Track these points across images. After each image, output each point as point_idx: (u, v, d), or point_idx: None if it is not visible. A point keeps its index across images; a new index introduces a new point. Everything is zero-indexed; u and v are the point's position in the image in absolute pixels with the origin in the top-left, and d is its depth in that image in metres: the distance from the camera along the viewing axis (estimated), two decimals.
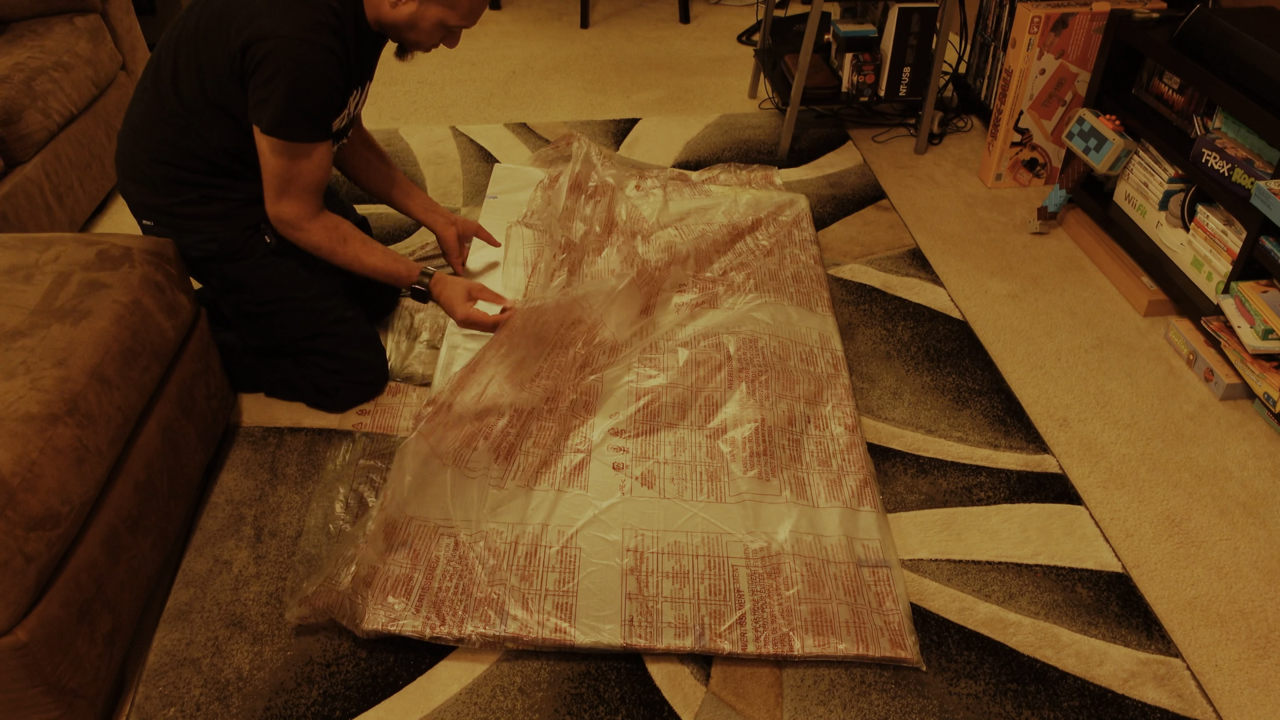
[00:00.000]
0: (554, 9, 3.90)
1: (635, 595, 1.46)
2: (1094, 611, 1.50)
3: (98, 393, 1.31)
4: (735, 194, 2.45)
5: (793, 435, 1.74)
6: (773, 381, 1.82)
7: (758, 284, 2.09)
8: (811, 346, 1.96)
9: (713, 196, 2.44)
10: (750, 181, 2.59)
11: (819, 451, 1.73)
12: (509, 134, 2.90)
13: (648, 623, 1.42)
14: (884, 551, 1.56)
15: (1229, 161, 1.93)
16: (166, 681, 1.40)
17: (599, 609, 1.44)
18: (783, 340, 1.93)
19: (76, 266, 1.47)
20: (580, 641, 1.40)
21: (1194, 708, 1.36)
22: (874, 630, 1.43)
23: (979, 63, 2.91)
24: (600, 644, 1.40)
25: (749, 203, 2.41)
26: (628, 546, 1.53)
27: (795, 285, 2.12)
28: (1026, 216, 2.53)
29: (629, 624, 1.42)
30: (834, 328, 2.02)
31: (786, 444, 1.72)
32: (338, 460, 1.75)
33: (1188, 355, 2.02)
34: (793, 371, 1.87)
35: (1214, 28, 1.97)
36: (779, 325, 1.96)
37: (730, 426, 1.73)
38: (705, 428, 1.75)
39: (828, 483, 1.66)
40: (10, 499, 1.13)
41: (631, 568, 1.50)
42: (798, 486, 1.65)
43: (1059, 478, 1.73)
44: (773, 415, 1.75)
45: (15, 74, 2.15)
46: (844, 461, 1.71)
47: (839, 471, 1.69)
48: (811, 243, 2.28)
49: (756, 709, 1.36)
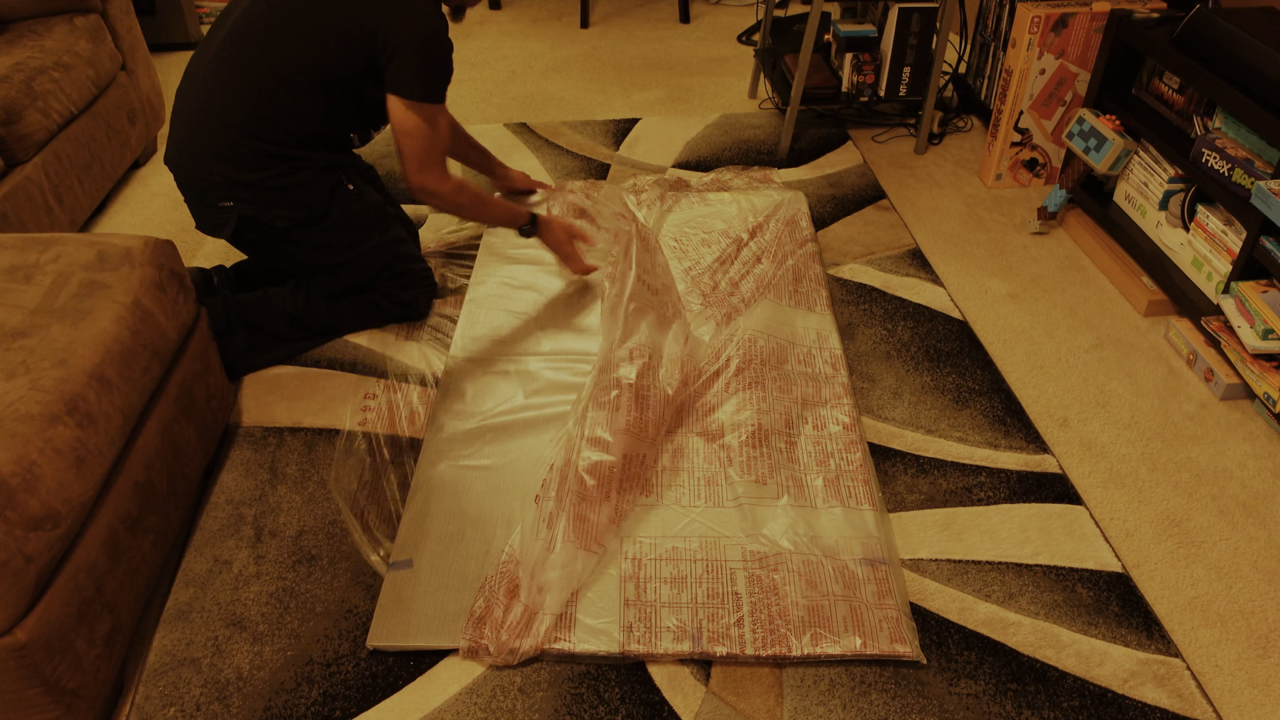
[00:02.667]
0: (554, 9, 3.90)
1: (634, 601, 1.46)
2: (1094, 611, 1.50)
3: (97, 393, 1.31)
4: (734, 198, 2.45)
5: (790, 437, 1.74)
6: (770, 384, 1.82)
7: (759, 285, 2.10)
8: (809, 346, 1.96)
9: (709, 203, 2.45)
10: (750, 183, 2.59)
11: (816, 451, 1.73)
12: (509, 134, 2.90)
13: (646, 629, 1.42)
14: (884, 549, 1.56)
15: (1229, 161, 1.93)
16: (166, 681, 1.40)
17: (597, 616, 1.44)
18: (780, 341, 1.93)
19: (76, 266, 1.47)
20: (580, 649, 1.40)
21: (1194, 708, 1.36)
22: (872, 627, 1.43)
23: (979, 63, 2.91)
24: (599, 652, 1.40)
25: (747, 207, 2.41)
26: (626, 554, 1.53)
27: (794, 284, 2.12)
28: (1026, 216, 2.53)
29: (628, 631, 1.42)
30: (832, 326, 2.02)
31: (784, 446, 1.72)
32: (337, 453, 1.76)
33: (1188, 355, 2.02)
34: (790, 374, 1.87)
35: (1214, 28, 1.97)
36: (776, 325, 1.96)
37: (728, 430, 1.73)
38: (703, 432, 1.75)
39: (826, 482, 1.66)
40: (10, 499, 1.13)
41: (630, 574, 1.50)
42: (795, 487, 1.65)
43: (1059, 478, 1.73)
44: (770, 418, 1.75)
45: (15, 74, 2.15)
46: (842, 460, 1.71)
47: (837, 470, 1.69)
48: (810, 240, 2.28)
49: (756, 709, 1.36)
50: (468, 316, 2.07)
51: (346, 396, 1.90)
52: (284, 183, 1.81)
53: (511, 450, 1.73)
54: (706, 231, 2.33)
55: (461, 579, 1.50)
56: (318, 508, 1.66)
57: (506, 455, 1.72)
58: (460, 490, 1.65)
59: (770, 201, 2.42)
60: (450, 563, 1.52)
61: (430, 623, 1.43)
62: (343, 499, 1.68)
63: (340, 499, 1.68)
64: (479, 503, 1.63)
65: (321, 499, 1.68)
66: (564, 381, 1.88)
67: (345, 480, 1.71)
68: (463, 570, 1.51)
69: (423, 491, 1.65)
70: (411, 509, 1.62)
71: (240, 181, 1.79)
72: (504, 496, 1.64)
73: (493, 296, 2.13)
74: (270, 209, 1.82)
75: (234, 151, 1.78)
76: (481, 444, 1.74)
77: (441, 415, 1.81)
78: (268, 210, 1.82)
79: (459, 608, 1.45)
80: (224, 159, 1.78)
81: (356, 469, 1.74)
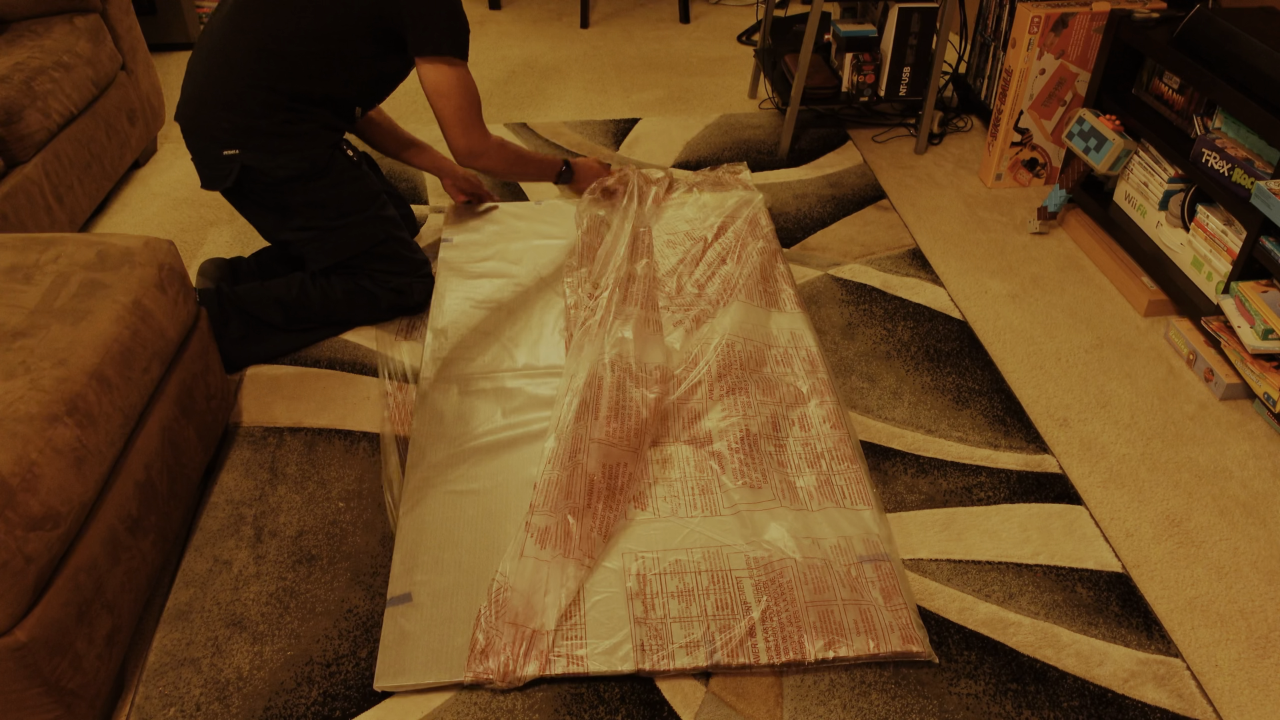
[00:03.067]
0: (554, 9, 3.90)
1: (643, 620, 1.44)
2: (1094, 611, 1.50)
3: (98, 393, 1.31)
4: (696, 198, 2.46)
5: (778, 440, 1.74)
6: (752, 388, 1.82)
7: (725, 286, 2.09)
8: (785, 347, 1.96)
9: (673, 203, 2.45)
10: (719, 182, 2.58)
11: (806, 452, 1.73)
12: (509, 134, 2.90)
13: (659, 646, 1.41)
14: (883, 545, 1.56)
15: (1229, 161, 1.93)
16: (166, 681, 1.40)
17: (609, 636, 1.42)
18: (757, 344, 1.93)
19: (76, 266, 1.47)
20: (595, 670, 1.38)
21: (1194, 708, 1.36)
22: (884, 628, 1.43)
23: (979, 63, 2.91)
24: (616, 672, 1.38)
25: (710, 205, 2.42)
26: (630, 571, 1.52)
27: (763, 284, 2.11)
28: (1026, 216, 2.53)
29: (641, 650, 1.40)
30: (805, 324, 2.02)
31: (773, 450, 1.72)
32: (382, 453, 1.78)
33: (1188, 355, 2.02)
34: (770, 376, 1.87)
35: (1214, 28, 1.97)
36: (751, 328, 1.96)
37: (715, 438, 1.73)
38: (691, 440, 1.74)
39: (818, 483, 1.66)
40: (10, 499, 1.13)
41: (636, 591, 1.49)
42: (789, 491, 1.64)
43: (1059, 478, 1.73)
44: (756, 422, 1.75)
45: (15, 74, 2.15)
46: (832, 459, 1.71)
47: (828, 470, 1.69)
48: (772, 237, 2.28)
49: (756, 709, 1.36)
50: (434, 339, 2.01)
51: (346, 396, 1.91)
52: (288, 130, 1.87)
53: (499, 471, 1.70)
54: (670, 233, 2.33)
55: (464, 610, 1.46)
56: (318, 508, 1.66)
57: (495, 477, 1.68)
58: (452, 517, 1.61)
59: (731, 202, 2.42)
60: (450, 594, 1.49)
61: (437, 658, 1.39)
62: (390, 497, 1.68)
63: (390, 498, 1.68)
64: (473, 529, 1.59)
65: (321, 499, 1.68)
66: (541, 395, 1.86)
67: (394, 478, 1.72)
68: (464, 601, 1.48)
69: (413, 522, 1.60)
70: (404, 541, 1.57)
71: (246, 128, 1.84)
72: (497, 520, 1.61)
73: (457, 315, 2.09)
74: (273, 158, 1.87)
75: (241, 100, 1.84)
76: (467, 467, 1.70)
77: (423, 441, 1.76)
78: (270, 159, 1.87)
79: (464, 640, 1.42)
80: (231, 107, 1.84)
81: (398, 468, 1.74)
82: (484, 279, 2.21)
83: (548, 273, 2.23)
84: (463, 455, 1.73)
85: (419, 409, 1.84)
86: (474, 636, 1.41)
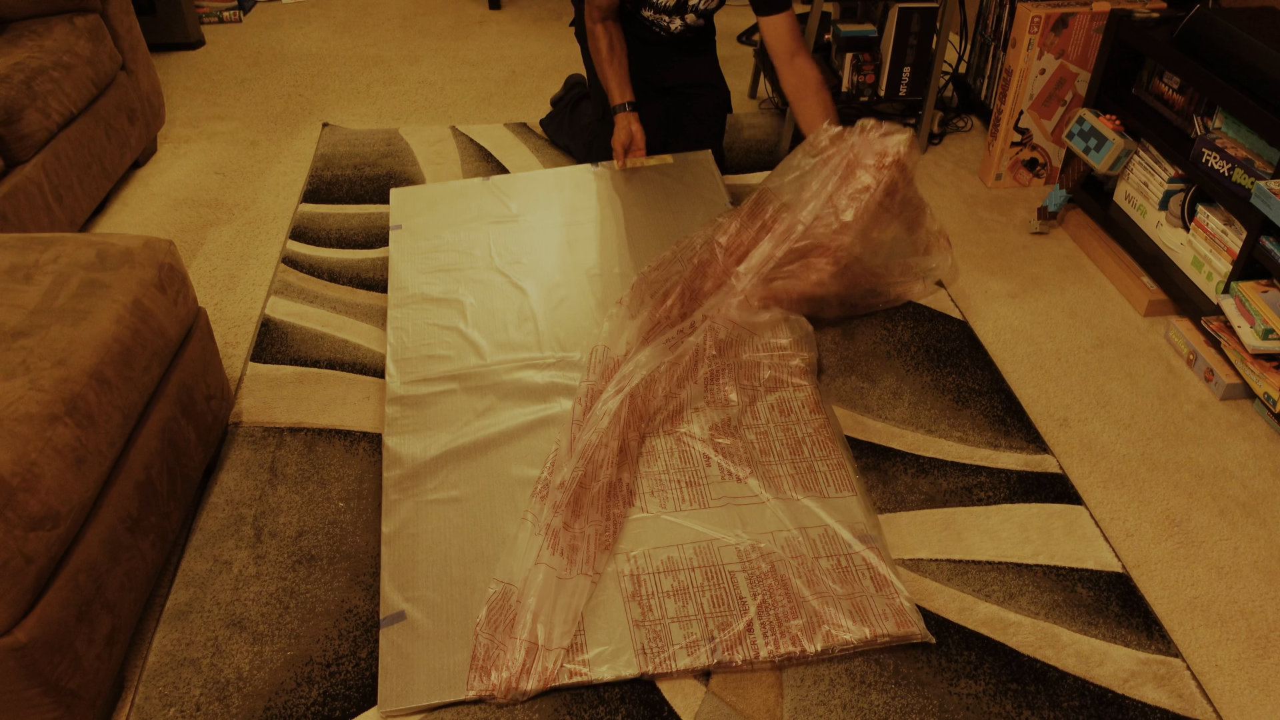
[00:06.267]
0: (554, 9, 3.90)
1: (641, 622, 1.44)
2: (1094, 611, 1.50)
3: (97, 393, 1.31)
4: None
5: (759, 429, 1.74)
6: (733, 374, 1.81)
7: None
8: (765, 336, 1.92)
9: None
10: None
11: (788, 439, 1.72)
12: (509, 134, 2.90)
13: (660, 648, 1.40)
14: (869, 529, 1.55)
15: (1229, 161, 1.93)
16: (166, 681, 1.39)
17: (608, 642, 1.41)
18: (740, 329, 1.90)
19: (76, 266, 1.47)
20: (599, 678, 1.38)
21: (1194, 708, 1.36)
22: (878, 614, 1.43)
23: (979, 63, 2.91)
24: (620, 678, 1.38)
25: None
26: (623, 572, 1.51)
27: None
28: (1026, 216, 2.53)
29: (642, 653, 1.40)
30: (781, 313, 1.97)
31: (754, 439, 1.72)
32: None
33: (1188, 355, 2.02)
34: (748, 362, 1.85)
35: (1214, 28, 1.97)
36: (734, 313, 1.93)
37: (698, 429, 1.72)
38: (673, 432, 1.73)
39: (801, 472, 1.66)
40: (10, 499, 1.13)
41: (632, 593, 1.48)
42: (773, 482, 1.64)
43: (1059, 478, 1.73)
44: (736, 410, 1.74)
45: (15, 74, 2.15)
46: (814, 446, 1.70)
47: (810, 458, 1.68)
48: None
49: (756, 709, 1.36)
50: (395, 341, 1.94)
51: (346, 396, 1.90)
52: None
53: (477, 474, 1.65)
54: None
55: (460, 624, 1.43)
56: (318, 508, 1.66)
57: (475, 481, 1.64)
58: (435, 528, 1.57)
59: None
60: (444, 608, 1.45)
61: (439, 676, 1.37)
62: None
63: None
64: (459, 537, 1.55)
65: (321, 499, 1.68)
66: (510, 386, 1.81)
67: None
68: (459, 614, 1.45)
69: (396, 536, 1.56)
70: (390, 557, 1.53)
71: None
72: (482, 526, 1.57)
73: (415, 313, 2.01)
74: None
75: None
76: (445, 473, 1.65)
77: (396, 449, 1.70)
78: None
79: (464, 657, 1.39)
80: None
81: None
82: (436, 273, 2.12)
83: (503, 259, 2.14)
84: (440, 461, 1.68)
85: (388, 416, 1.78)
86: (474, 651, 1.40)
